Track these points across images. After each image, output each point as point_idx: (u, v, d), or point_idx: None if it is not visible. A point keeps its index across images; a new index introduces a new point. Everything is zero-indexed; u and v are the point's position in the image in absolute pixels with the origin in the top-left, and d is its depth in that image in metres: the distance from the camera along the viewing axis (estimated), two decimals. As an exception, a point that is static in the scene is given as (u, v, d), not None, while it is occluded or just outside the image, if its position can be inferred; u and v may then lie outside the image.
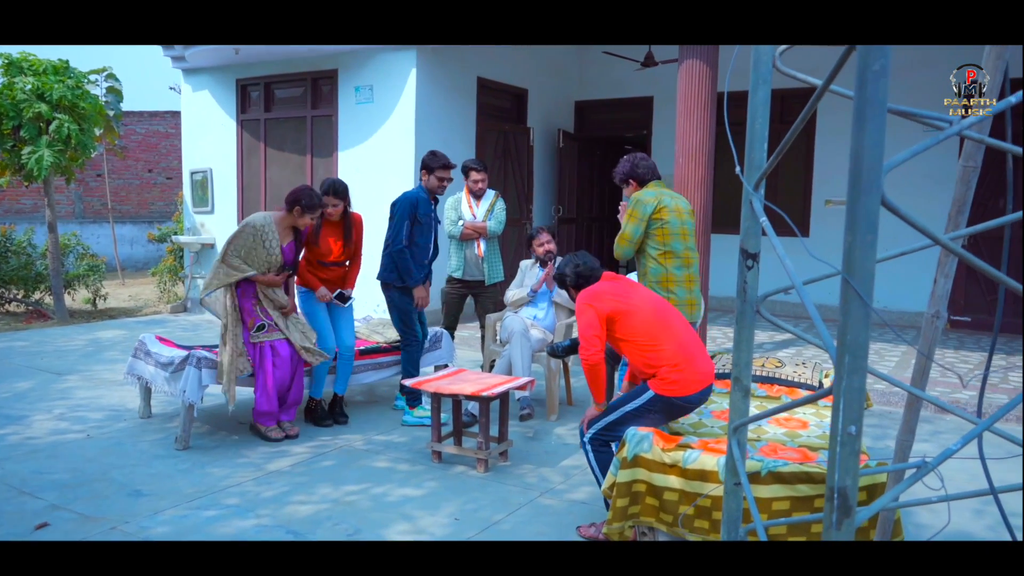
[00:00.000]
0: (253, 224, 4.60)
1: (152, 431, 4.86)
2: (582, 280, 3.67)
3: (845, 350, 1.28)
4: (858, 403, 1.27)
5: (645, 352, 3.37)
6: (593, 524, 3.48)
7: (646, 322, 3.40)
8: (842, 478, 1.29)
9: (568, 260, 3.76)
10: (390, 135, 7.84)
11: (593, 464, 3.37)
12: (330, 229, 4.96)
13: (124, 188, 16.10)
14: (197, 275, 9.52)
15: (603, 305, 3.46)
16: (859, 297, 1.27)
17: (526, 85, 9.30)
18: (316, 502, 3.78)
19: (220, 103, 9.13)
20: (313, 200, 4.63)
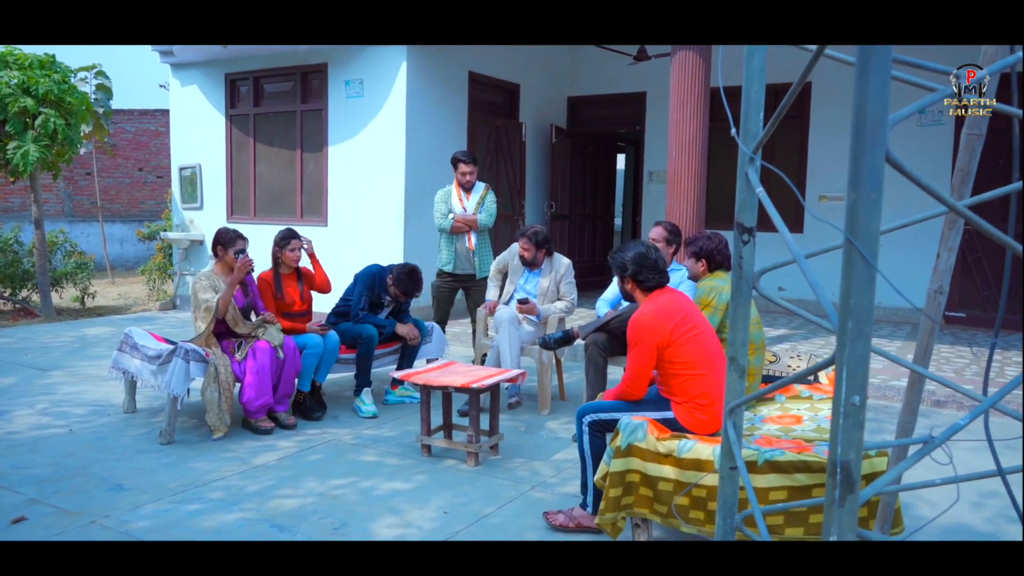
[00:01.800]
0: (201, 275, 4.70)
1: (136, 426, 4.76)
2: (646, 274, 3.32)
3: (848, 315, 1.20)
4: (862, 371, 1.20)
5: (684, 380, 3.19)
6: (561, 511, 3.38)
7: (699, 354, 3.19)
8: (845, 451, 1.22)
9: (633, 246, 3.40)
10: (380, 129, 7.76)
11: (585, 449, 3.28)
12: (288, 281, 5.10)
13: (114, 187, 15.96)
14: (186, 272, 9.41)
15: (663, 335, 3.17)
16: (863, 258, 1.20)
17: (518, 80, 9.23)
18: (302, 496, 3.70)
19: (209, 98, 9.03)
20: (228, 234, 4.75)
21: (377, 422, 4.92)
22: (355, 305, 5.19)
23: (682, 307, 3.31)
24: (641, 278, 3.34)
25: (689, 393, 3.19)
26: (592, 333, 4.71)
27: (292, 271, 5.12)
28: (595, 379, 4.66)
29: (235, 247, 4.68)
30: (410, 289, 5.15)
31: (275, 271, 5.05)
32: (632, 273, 3.36)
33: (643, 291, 3.38)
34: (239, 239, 4.72)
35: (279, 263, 5.06)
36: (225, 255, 4.70)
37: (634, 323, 3.26)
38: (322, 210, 8.24)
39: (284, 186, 8.61)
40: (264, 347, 4.59)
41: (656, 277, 3.35)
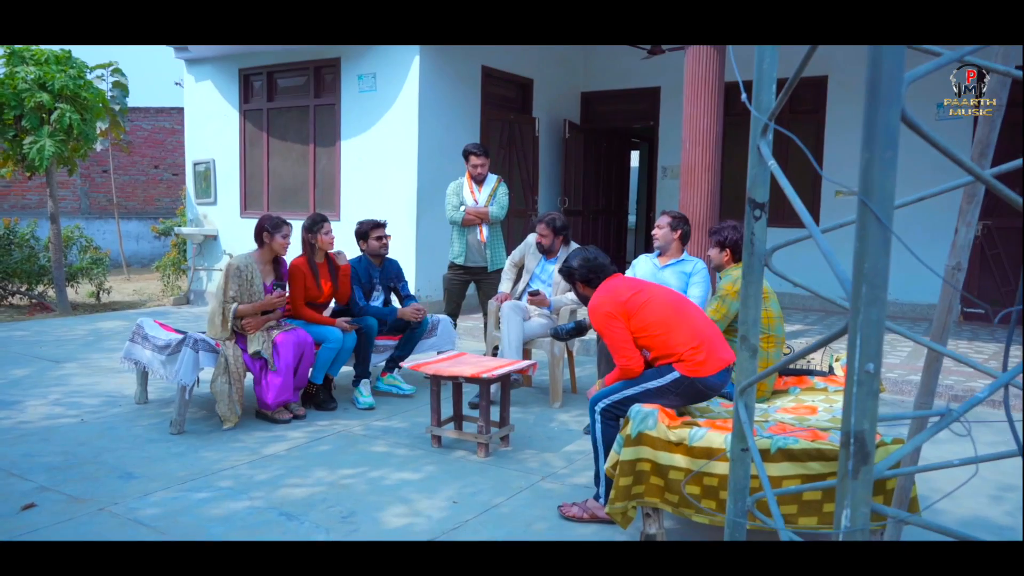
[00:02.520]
0: (236, 265, 4.63)
1: (147, 416, 4.77)
2: (592, 275, 3.51)
3: (862, 279, 1.16)
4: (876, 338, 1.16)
5: (661, 339, 3.25)
6: (576, 503, 3.36)
7: (660, 311, 3.28)
8: (859, 421, 1.18)
9: (577, 252, 3.59)
10: (393, 124, 7.75)
11: (597, 436, 3.25)
12: (322, 271, 5.08)
13: (130, 184, 16.06)
14: (200, 267, 9.44)
15: (619, 305, 3.31)
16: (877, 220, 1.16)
17: (531, 75, 9.19)
18: (310, 485, 3.68)
19: (223, 93, 9.05)
20: (273, 220, 4.74)
21: (387, 413, 4.90)
22: (353, 296, 5.14)
23: (629, 282, 3.48)
24: (588, 279, 3.53)
25: (678, 348, 3.21)
26: (604, 325, 4.67)
27: (324, 260, 5.07)
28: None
29: (281, 232, 4.68)
30: (365, 227, 5.19)
31: (309, 259, 4.98)
32: (580, 278, 3.56)
33: (593, 289, 3.54)
34: (285, 224, 4.72)
35: (313, 250, 4.99)
36: (272, 240, 4.68)
37: (592, 311, 3.40)
38: (335, 204, 8.24)
39: (297, 181, 8.62)
40: (286, 340, 4.56)
41: (602, 273, 3.51)
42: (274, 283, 4.73)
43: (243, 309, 4.56)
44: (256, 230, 4.75)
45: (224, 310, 4.52)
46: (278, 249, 4.72)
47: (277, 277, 4.79)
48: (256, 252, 4.74)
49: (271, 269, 4.77)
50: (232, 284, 4.55)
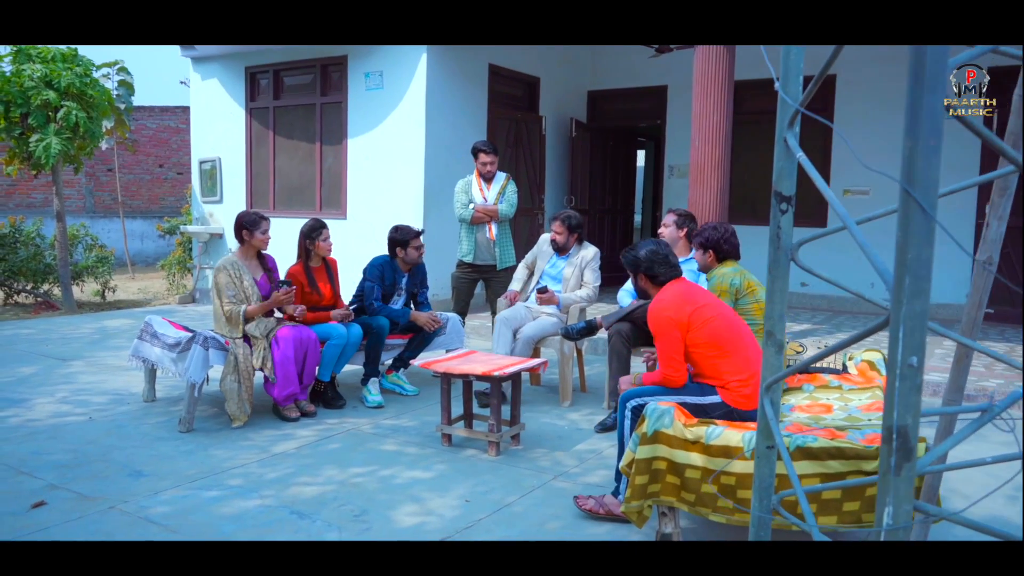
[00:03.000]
0: (223, 266, 4.62)
1: (156, 414, 4.75)
2: (659, 270, 3.37)
3: (905, 270, 1.13)
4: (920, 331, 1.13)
5: (712, 361, 3.20)
6: (592, 497, 3.33)
7: (720, 333, 3.22)
8: (902, 416, 1.15)
9: (646, 243, 3.46)
10: (400, 122, 7.72)
11: (625, 434, 3.22)
12: (319, 275, 5.06)
13: (135, 183, 16.06)
14: (205, 265, 9.43)
15: (684, 315, 3.21)
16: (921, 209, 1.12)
17: (538, 73, 9.16)
18: (321, 483, 3.65)
19: (229, 91, 9.03)
20: (250, 217, 4.73)
21: (396, 412, 4.87)
22: (368, 296, 5.14)
23: (699, 292, 3.37)
24: (653, 273, 3.39)
25: (726, 375, 3.18)
26: (615, 323, 4.64)
27: (322, 263, 5.08)
28: (618, 369, 4.59)
29: (260, 228, 4.67)
30: (406, 235, 5.16)
31: (305, 264, 5.00)
32: (645, 269, 3.41)
33: (656, 286, 3.43)
34: (263, 220, 4.71)
35: (309, 255, 5.01)
36: (251, 238, 4.67)
37: (653, 311, 3.28)
38: (341, 203, 8.21)
39: (303, 179, 8.60)
40: (286, 335, 4.54)
41: (668, 271, 3.39)
42: (280, 282, 4.71)
43: (252, 311, 4.54)
44: (236, 228, 4.77)
45: (230, 314, 4.49)
46: (258, 244, 4.72)
47: (264, 270, 4.77)
48: (239, 250, 4.75)
49: (257, 264, 4.78)
50: (227, 288, 4.53)
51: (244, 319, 4.52)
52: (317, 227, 4.99)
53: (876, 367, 4.03)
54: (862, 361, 4.10)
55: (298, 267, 4.97)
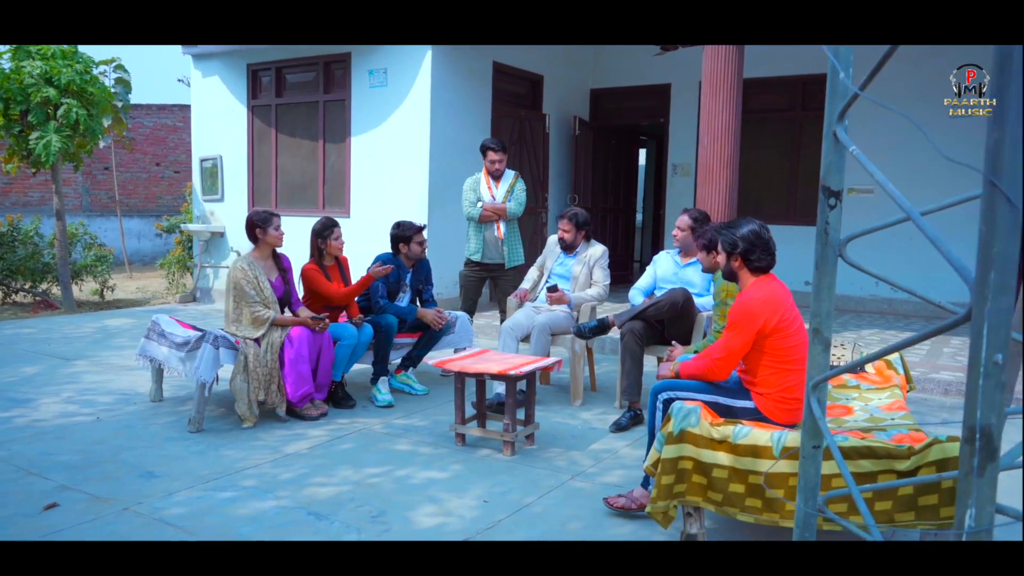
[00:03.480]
0: (240, 266, 4.54)
1: (164, 414, 4.69)
2: (756, 254, 3.13)
3: (990, 265, 1.09)
4: (1005, 327, 1.09)
5: (770, 371, 3.09)
6: (621, 495, 3.29)
7: (792, 351, 3.07)
8: (986, 415, 1.11)
9: (747, 221, 3.21)
10: (405, 120, 7.67)
11: (657, 422, 3.17)
12: (333, 273, 5.01)
13: (131, 182, 15.96)
14: (206, 264, 9.36)
15: (769, 318, 3.03)
16: (1008, 202, 1.08)
17: (542, 71, 9.12)
18: (336, 484, 3.61)
19: (230, 88, 8.97)
20: (260, 214, 4.65)
21: (408, 411, 4.83)
22: (374, 294, 5.09)
23: (788, 297, 3.16)
24: (752, 257, 3.15)
25: (775, 385, 3.09)
26: (628, 321, 4.61)
27: (334, 262, 5.03)
28: (632, 368, 4.55)
29: (272, 224, 4.61)
30: (408, 231, 5.12)
31: (319, 263, 4.94)
32: (743, 251, 3.16)
33: (751, 271, 3.20)
34: (273, 216, 4.65)
35: (322, 255, 4.96)
36: (265, 236, 4.61)
37: (742, 305, 3.09)
38: (345, 201, 8.16)
39: (306, 177, 8.54)
40: (300, 335, 4.49)
41: (767, 258, 3.16)
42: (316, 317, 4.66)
43: (281, 321, 4.52)
44: (247, 228, 4.68)
45: (256, 319, 4.44)
46: (272, 242, 4.65)
47: (280, 271, 4.71)
48: (254, 251, 4.68)
49: (272, 265, 4.71)
50: (248, 289, 4.47)
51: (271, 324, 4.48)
52: (329, 226, 4.94)
53: (893, 366, 4.00)
54: (879, 360, 4.08)
55: (312, 265, 4.92)
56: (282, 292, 4.67)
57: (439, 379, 5.68)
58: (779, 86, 8.81)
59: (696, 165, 9.54)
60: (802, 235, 8.37)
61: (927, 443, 2.61)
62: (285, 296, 4.69)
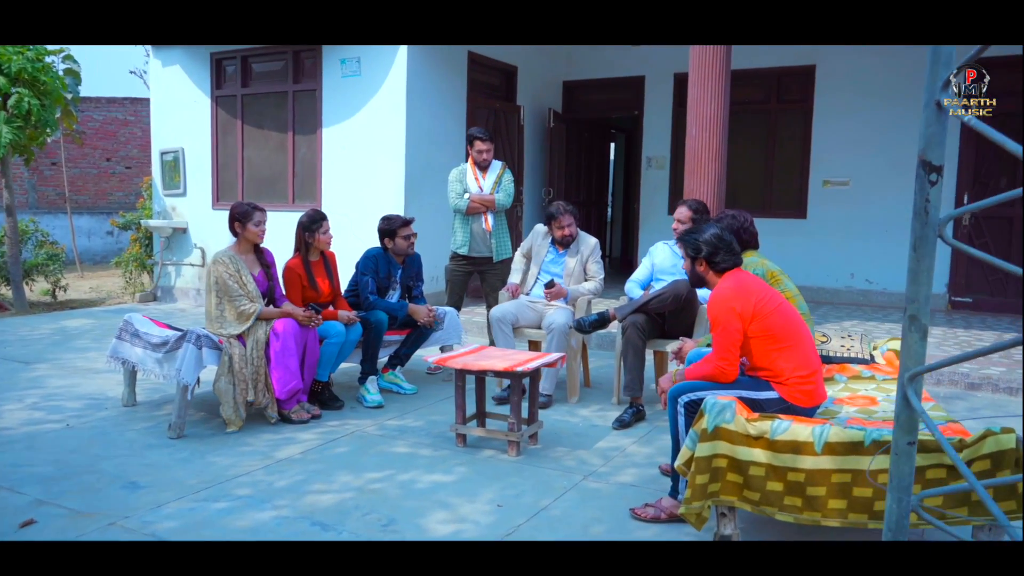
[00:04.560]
0: (221, 260, 4.28)
1: (139, 419, 4.40)
2: (721, 257, 3.14)
3: None
4: None
5: (772, 355, 3.02)
6: (648, 504, 3.15)
7: (785, 326, 3.03)
8: None
9: (710, 226, 3.22)
10: (379, 110, 7.42)
11: (681, 431, 3.04)
12: (318, 270, 4.76)
13: (80, 178, 15.32)
14: (168, 262, 8.97)
15: (748, 305, 3.01)
16: None
17: (516, 62, 8.95)
18: (337, 491, 3.39)
19: (193, 78, 8.59)
20: (243, 208, 4.38)
21: (400, 412, 4.62)
22: (363, 290, 4.88)
23: (759, 283, 3.18)
24: (716, 260, 3.17)
25: (785, 369, 3.00)
26: (630, 315, 4.47)
27: (320, 257, 4.78)
28: (634, 362, 4.42)
29: (253, 220, 4.34)
30: (394, 224, 4.92)
31: (304, 259, 4.69)
32: (707, 255, 3.18)
33: (716, 273, 3.21)
34: (256, 210, 4.38)
35: (308, 249, 4.70)
36: (244, 231, 4.35)
37: (716, 299, 3.07)
38: (316, 195, 7.87)
39: (275, 170, 8.23)
40: (287, 328, 4.24)
41: (731, 259, 3.18)
42: (312, 306, 4.48)
43: (268, 314, 4.26)
44: (229, 221, 4.42)
45: (241, 314, 4.19)
46: (252, 238, 4.39)
47: (262, 266, 4.47)
48: (234, 245, 4.42)
49: (254, 259, 4.46)
50: (230, 283, 4.22)
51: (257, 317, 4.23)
52: (317, 218, 4.69)
53: (903, 356, 3.93)
54: (888, 350, 4.01)
55: (296, 261, 4.66)
56: (265, 287, 4.42)
57: (427, 377, 5.48)
58: (755, 79, 8.77)
59: (671, 158, 9.50)
60: (778, 228, 8.36)
61: (980, 435, 2.51)
62: (269, 292, 4.44)
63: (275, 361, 4.21)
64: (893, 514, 1.79)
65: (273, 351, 4.21)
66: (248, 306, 4.21)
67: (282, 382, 4.21)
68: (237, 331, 4.19)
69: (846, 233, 8.46)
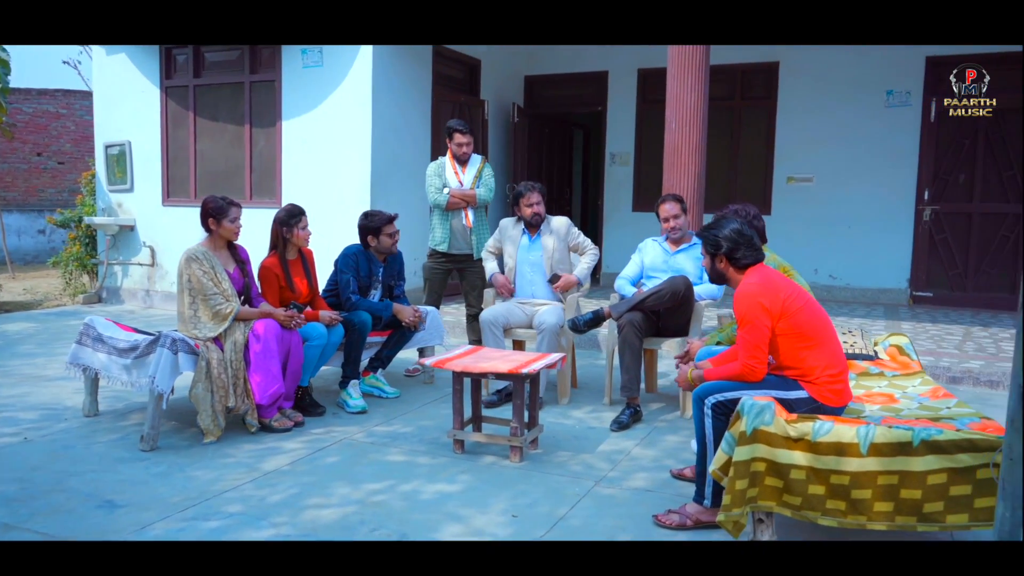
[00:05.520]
0: (194, 257, 3.98)
1: (104, 430, 4.07)
2: (741, 252, 3.02)
3: None
4: None
5: (801, 353, 2.91)
6: (672, 511, 3.01)
7: (814, 322, 2.94)
8: None
9: (727, 221, 3.08)
10: (343, 102, 7.13)
11: (709, 434, 2.90)
12: (295, 268, 4.48)
13: (9, 173, 14.49)
14: (114, 261, 8.49)
15: (777, 301, 2.90)
16: None
17: (479, 56, 8.75)
18: (338, 504, 3.16)
19: (140, 68, 8.14)
20: (217, 203, 4.08)
21: (386, 417, 4.39)
22: (345, 290, 4.64)
23: (785, 279, 3.08)
24: (737, 256, 3.05)
25: (815, 368, 2.90)
26: (626, 312, 4.33)
27: (297, 255, 4.50)
28: (631, 362, 4.28)
29: (229, 216, 4.06)
30: (378, 221, 4.69)
31: (281, 257, 4.40)
32: (727, 251, 3.06)
33: (737, 270, 3.09)
34: (232, 206, 4.09)
35: (286, 245, 4.42)
36: (219, 227, 4.06)
37: (743, 296, 2.94)
38: (275, 190, 7.53)
39: (230, 164, 7.84)
40: (269, 329, 3.97)
41: (753, 255, 3.06)
42: (293, 304, 4.22)
43: (246, 314, 3.99)
44: (201, 216, 4.12)
45: (218, 313, 3.91)
46: (227, 235, 4.11)
47: (237, 263, 4.19)
48: (207, 240, 4.12)
49: (228, 256, 4.17)
50: (205, 281, 3.93)
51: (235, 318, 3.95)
52: (296, 213, 4.42)
53: (905, 351, 3.90)
54: (891, 346, 3.96)
55: (273, 259, 4.38)
56: (241, 285, 4.14)
57: (405, 380, 5.26)
58: (719, 75, 8.72)
59: (636, 154, 9.44)
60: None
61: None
62: (245, 290, 4.16)
63: (255, 364, 3.94)
64: (1006, 523, 1.68)
65: (253, 353, 3.94)
66: (224, 306, 3.93)
67: (263, 387, 3.94)
68: (213, 333, 3.91)
69: (810, 229, 8.52)
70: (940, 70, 7.99)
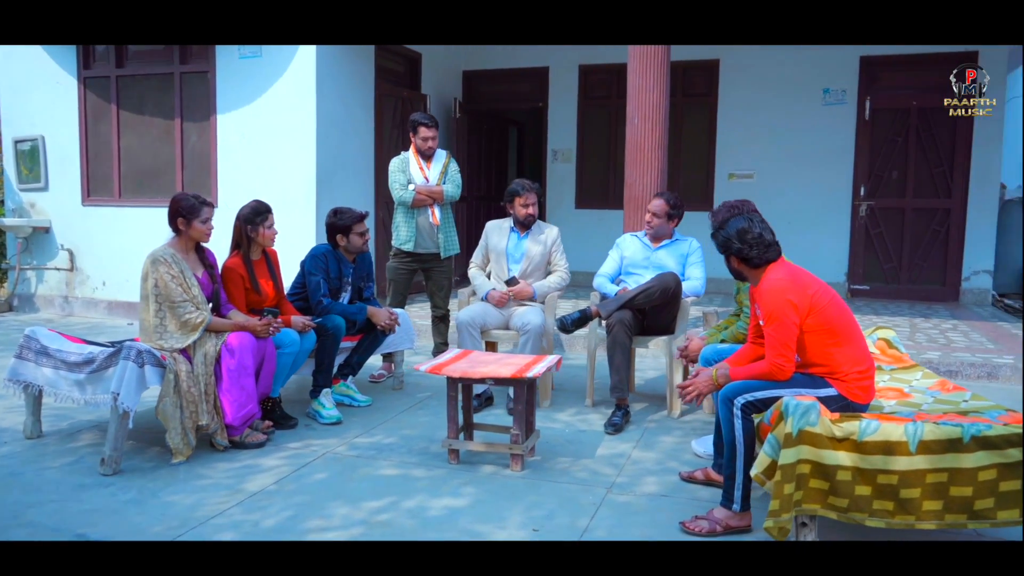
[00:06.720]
0: (161, 259, 3.62)
1: (52, 454, 3.67)
2: (753, 253, 2.90)
3: None
4: None
5: (828, 349, 2.83)
6: (699, 517, 2.90)
7: (840, 318, 2.86)
8: None
9: (736, 221, 2.95)
10: (284, 95, 6.76)
11: (738, 436, 2.79)
12: (260, 269, 4.17)
13: None
14: (27, 266, 7.82)
15: (806, 297, 2.81)
16: None
17: (420, 49, 8.49)
18: (340, 526, 2.91)
19: (54, 56, 7.50)
20: (189, 201, 3.75)
21: (365, 427, 4.13)
22: (315, 293, 4.35)
23: (810, 273, 2.99)
24: (752, 255, 2.93)
25: (843, 365, 2.84)
26: (615, 311, 4.21)
27: (262, 256, 4.18)
28: (622, 362, 4.17)
29: (201, 216, 3.72)
30: (348, 219, 4.42)
31: (245, 257, 4.07)
32: (737, 251, 2.95)
33: (753, 268, 2.97)
34: (204, 205, 3.75)
35: (251, 245, 4.09)
36: (189, 228, 3.71)
37: (770, 291, 2.84)
38: (210, 188, 7.07)
39: (159, 161, 7.32)
40: (243, 342, 3.65)
41: (765, 252, 2.93)
42: (267, 310, 3.94)
43: (219, 325, 3.66)
44: (170, 215, 3.76)
45: (187, 323, 3.57)
46: (198, 236, 3.78)
47: (205, 267, 3.87)
48: (174, 241, 3.78)
49: (196, 259, 3.84)
50: (174, 286, 3.59)
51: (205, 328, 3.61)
52: (262, 211, 4.10)
53: (894, 345, 3.92)
54: (879, 340, 3.98)
55: (236, 260, 4.05)
56: (210, 291, 3.81)
57: (371, 386, 5.00)
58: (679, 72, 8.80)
59: (577, 151, 9.38)
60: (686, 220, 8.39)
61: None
62: (214, 296, 3.83)
63: (228, 382, 3.61)
64: None
65: (226, 369, 3.61)
66: (195, 315, 3.59)
67: (236, 406, 3.63)
68: (181, 345, 3.57)
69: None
70: (873, 69, 8.24)
